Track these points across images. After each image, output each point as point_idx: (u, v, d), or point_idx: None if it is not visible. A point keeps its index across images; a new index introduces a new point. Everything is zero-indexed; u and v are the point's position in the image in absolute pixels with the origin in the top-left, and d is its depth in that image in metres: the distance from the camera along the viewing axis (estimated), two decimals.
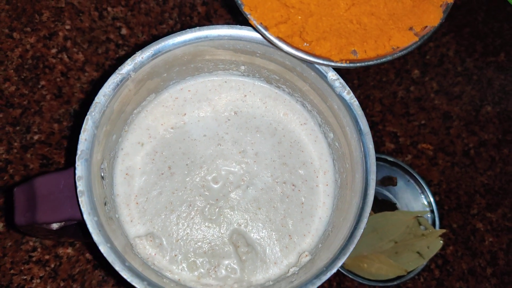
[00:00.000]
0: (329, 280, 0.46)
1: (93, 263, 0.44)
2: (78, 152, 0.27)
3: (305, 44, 0.30)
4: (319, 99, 0.33)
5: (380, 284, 0.45)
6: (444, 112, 0.53)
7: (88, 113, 0.28)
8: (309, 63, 0.31)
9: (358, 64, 0.30)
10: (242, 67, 0.36)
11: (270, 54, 0.32)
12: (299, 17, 0.30)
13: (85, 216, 0.26)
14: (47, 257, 0.44)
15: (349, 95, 0.31)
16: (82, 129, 0.28)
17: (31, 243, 0.44)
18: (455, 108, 0.53)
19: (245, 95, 0.37)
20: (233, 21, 0.51)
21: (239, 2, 0.30)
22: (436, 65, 0.54)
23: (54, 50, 0.49)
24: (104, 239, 0.26)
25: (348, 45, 0.31)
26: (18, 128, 0.47)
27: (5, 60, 0.48)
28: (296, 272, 0.30)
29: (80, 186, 0.26)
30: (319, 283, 0.26)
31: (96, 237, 0.26)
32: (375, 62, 0.31)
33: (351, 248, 0.27)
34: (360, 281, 0.45)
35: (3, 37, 0.49)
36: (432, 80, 0.53)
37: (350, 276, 0.45)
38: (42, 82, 0.48)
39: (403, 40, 0.31)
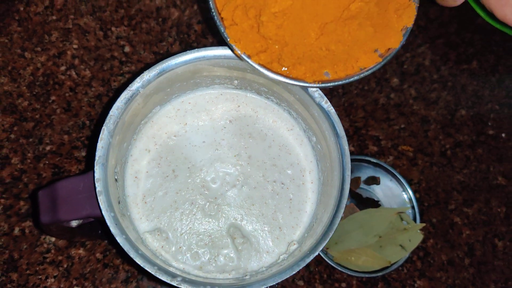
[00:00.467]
0: (319, 272, 0.49)
1: (103, 262, 0.47)
2: (96, 157, 0.32)
3: (283, 68, 0.34)
4: (303, 107, 0.37)
5: (367, 275, 0.48)
6: (422, 117, 0.55)
7: (104, 124, 0.33)
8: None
9: (329, 84, 0.34)
10: (235, 82, 0.40)
11: None
12: (276, 47, 0.34)
13: (104, 212, 0.30)
14: (60, 258, 0.46)
15: (326, 104, 0.35)
16: (99, 138, 0.32)
17: (45, 245, 0.47)
18: (432, 112, 0.56)
19: (239, 106, 0.41)
20: None
21: (225, 35, 0.33)
22: (413, 74, 0.57)
23: (63, 68, 0.52)
24: (120, 231, 0.30)
25: (320, 68, 0.34)
26: (31, 140, 0.50)
27: (18, 77, 0.51)
28: (285, 258, 0.34)
29: (99, 186, 0.31)
30: (303, 264, 0.30)
31: (113, 229, 0.30)
32: (344, 81, 0.34)
33: (331, 234, 0.31)
34: (349, 273, 0.48)
35: (16, 56, 0.52)
36: (410, 88, 0.56)
37: (339, 269, 0.47)
38: (53, 97, 0.51)
39: (368, 61, 0.34)
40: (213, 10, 0.34)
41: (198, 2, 0.56)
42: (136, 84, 0.34)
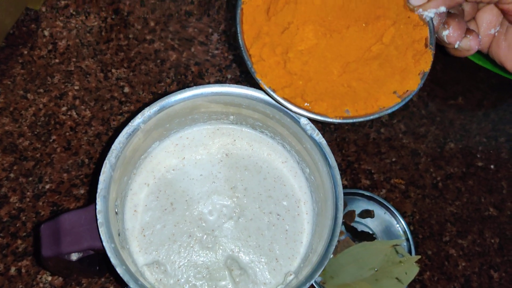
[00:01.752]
0: None
1: None
2: (98, 190, 0.33)
3: (305, 104, 0.36)
4: (296, 140, 0.39)
5: None
6: (412, 150, 0.57)
7: (106, 158, 0.34)
8: (285, 112, 0.37)
9: (350, 120, 0.36)
10: (231, 117, 0.42)
11: (254, 105, 0.38)
12: (300, 82, 0.36)
13: (105, 243, 0.31)
14: None
15: (318, 136, 0.37)
16: (102, 171, 0.33)
17: (41, 285, 0.46)
18: (421, 146, 0.57)
19: (235, 140, 0.42)
20: (222, 78, 0.58)
21: (253, 70, 0.36)
22: (402, 109, 0.58)
23: (64, 108, 0.53)
24: (120, 262, 0.31)
25: (342, 105, 0.36)
26: (31, 178, 0.50)
27: (19, 118, 0.52)
28: None
29: (100, 218, 0.31)
30: None
31: (113, 260, 0.31)
32: (364, 118, 0.36)
33: (326, 262, 0.32)
34: None
35: (18, 98, 0.54)
36: (400, 122, 0.58)
37: None
38: (53, 137, 0.52)
39: (388, 101, 0.36)
40: (242, 47, 0.36)
41: (195, 45, 0.58)
42: (138, 119, 0.36)
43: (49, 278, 0.47)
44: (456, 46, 0.40)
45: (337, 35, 0.36)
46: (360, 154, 0.56)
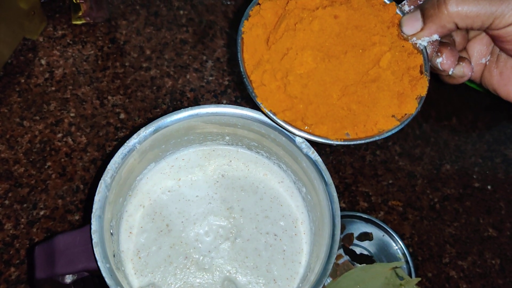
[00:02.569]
0: None
1: None
2: (94, 210, 0.32)
3: (306, 127, 0.36)
4: (292, 160, 0.39)
5: None
6: (408, 172, 0.57)
7: (101, 178, 0.34)
8: (280, 131, 0.38)
9: (351, 142, 0.36)
10: (227, 138, 0.42)
11: (249, 125, 0.39)
12: (301, 106, 0.36)
13: (99, 264, 0.30)
14: None
15: (313, 154, 0.37)
16: (97, 191, 0.33)
17: None
18: (417, 167, 0.57)
19: (230, 161, 0.42)
20: (218, 103, 0.58)
21: (253, 94, 0.36)
22: (398, 131, 0.60)
23: (60, 135, 0.54)
24: (115, 282, 0.30)
25: (342, 128, 0.37)
26: (25, 205, 0.50)
27: (15, 145, 0.53)
28: None
29: (95, 238, 0.31)
30: None
31: (108, 280, 0.30)
32: (365, 141, 0.37)
33: (324, 280, 0.31)
34: None
35: (14, 125, 0.54)
36: (395, 144, 0.59)
37: None
38: (49, 163, 0.52)
39: (387, 124, 0.37)
40: (243, 73, 0.37)
41: (191, 72, 0.59)
42: (133, 140, 0.36)
43: None
44: (450, 73, 0.41)
45: (335, 60, 0.37)
46: (357, 176, 0.56)
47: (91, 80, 0.57)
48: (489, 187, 0.58)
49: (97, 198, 0.33)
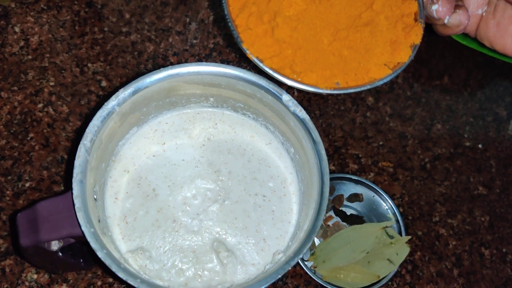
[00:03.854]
0: None
1: None
2: (74, 175, 0.31)
3: (294, 75, 0.35)
4: (279, 119, 0.38)
5: None
6: (399, 133, 0.56)
7: (80, 142, 0.33)
8: (266, 90, 0.36)
9: (341, 91, 0.35)
10: (211, 99, 0.40)
11: (233, 85, 0.37)
12: (289, 51, 0.34)
13: (83, 228, 0.30)
14: None
15: (301, 112, 0.36)
16: (77, 156, 0.32)
17: (26, 283, 0.45)
18: (408, 128, 0.57)
19: (216, 123, 0.41)
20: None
21: (239, 40, 0.34)
22: (388, 92, 0.58)
23: (40, 105, 0.52)
24: (100, 246, 0.29)
25: (332, 76, 0.35)
26: (9, 177, 0.49)
27: None
28: (270, 268, 0.34)
29: (77, 203, 0.30)
30: (288, 267, 0.30)
31: (93, 244, 0.29)
32: (355, 89, 0.35)
33: (313, 236, 0.31)
34: None
35: None
36: (385, 105, 0.58)
37: (329, 287, 0.47)
38: (31, 134, 0.51)
39: (379, 73, 0.36)
40: (227, 17, 0.35)
41: (173, 35, 0.57)
42: (112, 102, 0.35)
43: (35, 276, 0.45)
44: (445, 21, 0.40)
45: (326, 1, 0.35)
46: (347, 139, 0.56)
47: (69, 47, 0.55)
48: (480, 145, 0.58)
49: (77, 162, 0.32)
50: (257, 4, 0.35)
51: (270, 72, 0.35)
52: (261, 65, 0.35)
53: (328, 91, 0.35)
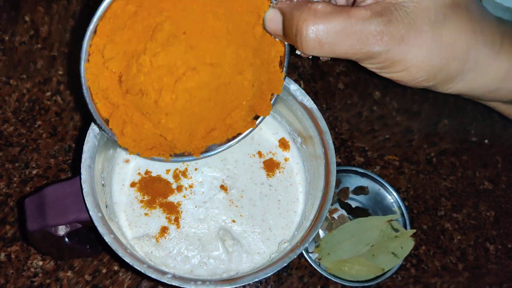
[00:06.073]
0: (314, 284, 0.49)
1: (92, 284, 0.46)
2: (83, 160, 0.32)
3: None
4: (286, 109, 0.38)
5: (361, 285, 0.47)
6: (405, 127, 0.56)
7: (89, 127, 0.33)
8: None
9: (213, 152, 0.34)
10: None
11: None
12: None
13: (91, 212, 0.30)
14: (48, 281, 0.45)
15: (308, 102, 0.36)
16: (85, 141, 0.32)
17: (32, 269, 0.46)
18: (415, 123, 0.57)
19: None
20: None
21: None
22: (395, 86, 0.58)
23: (48, 94, 0.52)
24: (107, 230, 0.30)
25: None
26: (17, 164, 0.49)
27: (3, 104, 0.51)
28: (276, 256, 0.34)
29: (85, 188, 0.30)
30: (294, 256, 0.30)
31: (100, 229, 0.30)
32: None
33: (319, 226, 0.31)
34: (343, 283, 0.47)
35: (0, 84, 0.52)
36: (392, 100, 0.58)
37: (333, 279, 0.47)
38: (38, 122, 0.51)
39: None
40: (101, 125, 0.31)
41: None
42: None
43: (40, 263, 0.46)
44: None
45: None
46: (353, 132, 0.56)
47: (79, 37, 0.55)
48: (486, 141, 0.58)
49: (86, 148, 0.32)
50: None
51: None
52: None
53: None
